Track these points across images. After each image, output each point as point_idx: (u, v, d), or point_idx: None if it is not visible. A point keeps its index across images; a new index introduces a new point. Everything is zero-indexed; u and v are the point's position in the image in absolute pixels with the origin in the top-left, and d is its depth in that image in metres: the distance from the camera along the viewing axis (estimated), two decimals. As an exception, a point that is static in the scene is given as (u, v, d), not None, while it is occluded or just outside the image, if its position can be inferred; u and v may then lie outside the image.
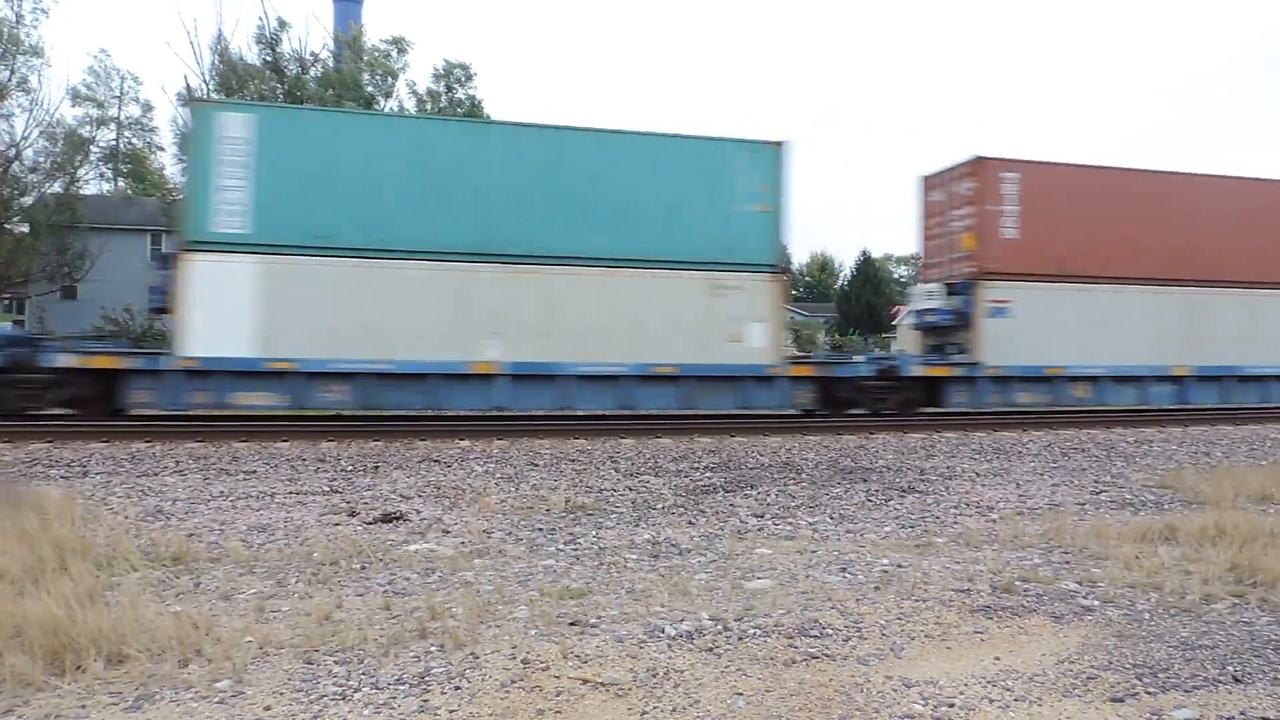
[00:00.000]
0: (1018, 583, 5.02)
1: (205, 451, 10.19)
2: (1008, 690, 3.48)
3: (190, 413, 12.46)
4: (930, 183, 16.55)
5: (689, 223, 13.20)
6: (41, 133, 31.82)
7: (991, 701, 3.37)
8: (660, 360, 13.01)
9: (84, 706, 3.17)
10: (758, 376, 13.44)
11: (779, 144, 13.55)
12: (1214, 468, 9.93)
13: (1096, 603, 4.69)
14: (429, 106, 31.65)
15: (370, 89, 30.74)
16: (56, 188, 32.44)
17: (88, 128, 33.93)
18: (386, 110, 30.24)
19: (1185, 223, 15.92)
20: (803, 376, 13.94)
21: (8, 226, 31.58)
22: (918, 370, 14.64)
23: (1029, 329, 14.85)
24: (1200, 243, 15.98)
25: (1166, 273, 15.71)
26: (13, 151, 30.99)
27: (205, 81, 29.77)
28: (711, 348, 13.20)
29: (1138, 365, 15.51)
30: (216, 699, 3.25)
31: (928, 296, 15.93)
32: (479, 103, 32.50)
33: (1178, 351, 15.73)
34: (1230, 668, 3.75)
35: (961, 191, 15.36)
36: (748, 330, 13.36)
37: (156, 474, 8.61)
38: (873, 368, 14.55)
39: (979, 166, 15.04)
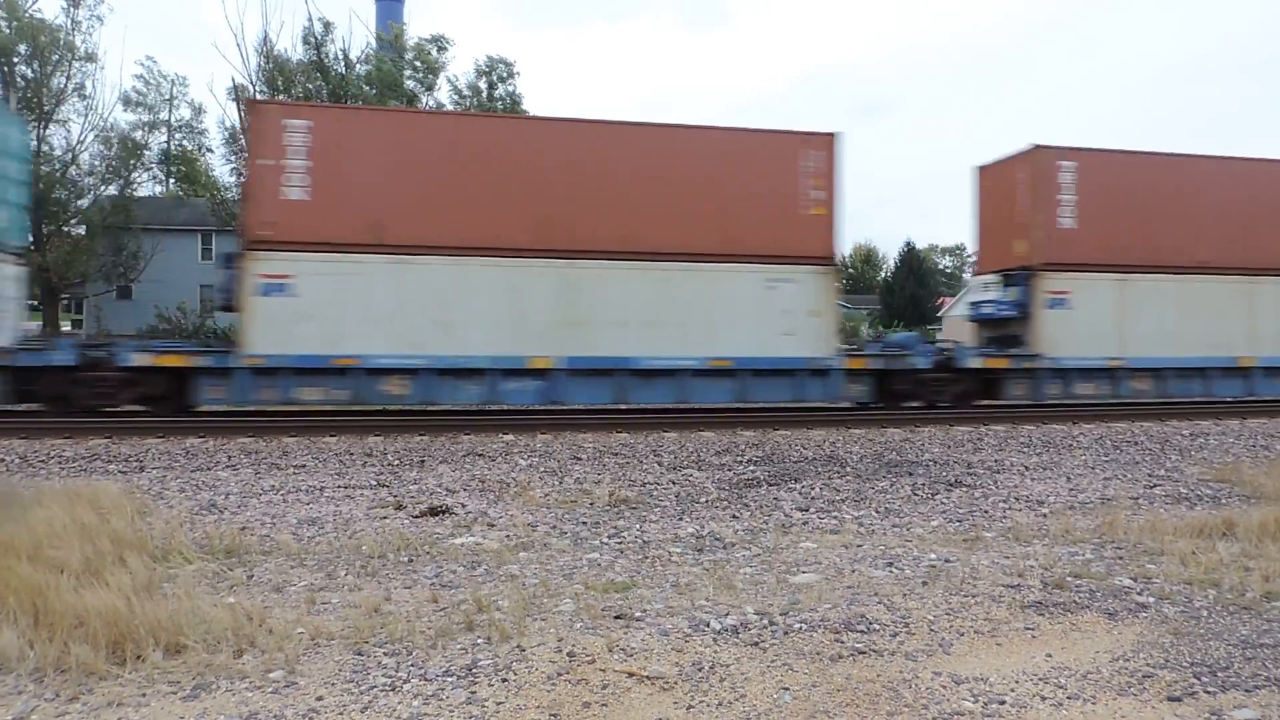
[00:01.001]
0: (1070, 578, 4.93)
1: (256, 446, 10.41)
2: (1060, 688, 3.42)
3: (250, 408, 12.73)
4: None
5: None
6: (96, 137, 32.75)
7: (1044, 699, 3.31)
8: None
9: (144, 695, 3.26)
10: None
11: None
12: (1273, 461, 9.64)
13: (1152, 599, 4.58)
14: (470, 102, 31.91)
15: (411, 84, 31.09)
16: (112, 190, 33.38)
17: (140, 132, 34.82)
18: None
19: (556, 181, 12.60)
20: None
21: (65, 228, 32.61)
22: (140, 359, 11.89)
23: (316, 310, 11.84)
24: (576, 205, 12.64)
25: (533, 242, 12.48)
26: (69, 156, 31.94)
27: (252, 82, 30.36)
28: None
29: (478, 356, 12.30)
30: (270, 689, 3.32)
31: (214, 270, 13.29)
32: (519, 98, 32.69)
33: (544, 339, 12.48)
34: (1294, 667, 3.64)
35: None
36: None
37: (210, 469, 8.81)
38: (74, 356, 11.80)
39: (254, 112, 12.25)
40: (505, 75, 32.66)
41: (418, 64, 31.44)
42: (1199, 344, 15.11)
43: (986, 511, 7.04)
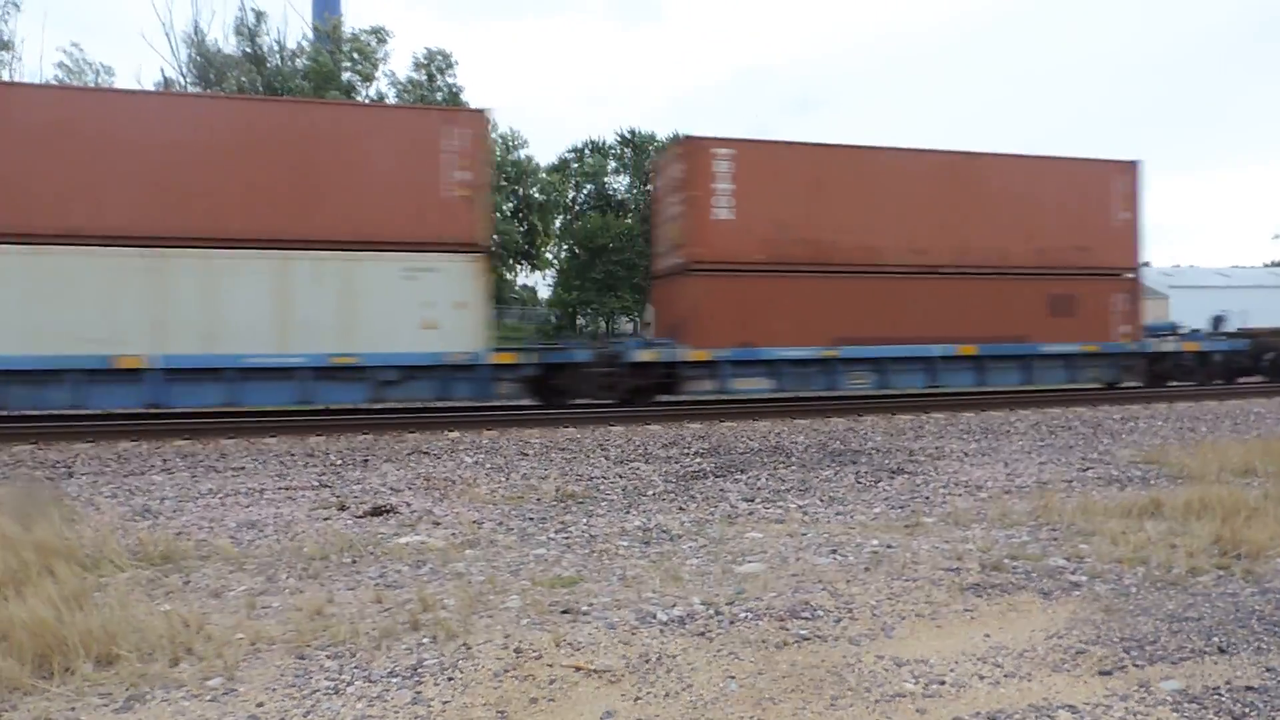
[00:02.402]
0: (1006, 560, 5.06)
1: (193, 449, 10.13)
2: (998, 667, 3.51)
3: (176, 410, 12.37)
4: None
5: None
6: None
7: (982, 678, 3.40)
8: None
9: (73, 709, 3.15)
10: None
11: None
12: (1198, 443, 10.02)
13: (1084, 578, 4.73)
14: (409, 95, 31.41)
15: (349, 76, 30.50)
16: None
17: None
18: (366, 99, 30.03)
19: None
20: None
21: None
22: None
23: None
24: None
25: None
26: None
27: (182, 74, 29.50)
28: None
29: None
30: (208, 697, 3.24)
31: None
32: (459, 91, 32.29)
33: None
34: (1216, 639, 3.80)
35: None
36: None
37: (143, 473, 8.55)
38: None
39: None
40: (444, 67, 32.21)
41: (355, 55, 30.85)
42: (68, 339, 11.07)
43: (927, 498, 7.19)
